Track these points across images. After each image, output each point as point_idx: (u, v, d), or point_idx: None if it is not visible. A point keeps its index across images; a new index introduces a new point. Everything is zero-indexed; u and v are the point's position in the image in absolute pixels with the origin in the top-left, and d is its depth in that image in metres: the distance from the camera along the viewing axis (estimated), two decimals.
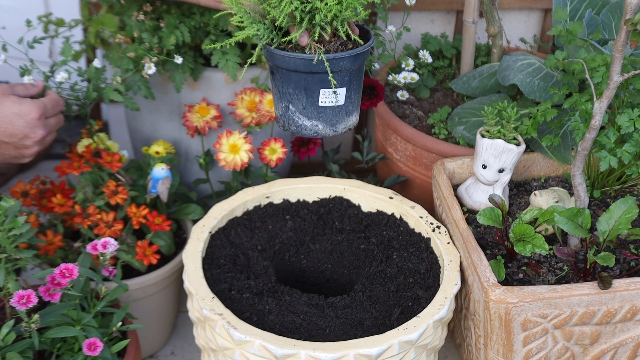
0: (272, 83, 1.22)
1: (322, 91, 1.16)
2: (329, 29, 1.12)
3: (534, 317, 1.23)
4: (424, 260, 1.36)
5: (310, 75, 1.14)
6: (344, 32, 1.13)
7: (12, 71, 1.45)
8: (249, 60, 1.20)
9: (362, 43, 1.17)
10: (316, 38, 1.13)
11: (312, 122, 1.20)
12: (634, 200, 1.24)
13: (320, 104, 1.17)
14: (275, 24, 1.15)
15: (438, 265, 1.35)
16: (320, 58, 1.12)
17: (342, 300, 1.28)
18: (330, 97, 1.17)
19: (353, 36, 1.15)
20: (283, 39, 1.17)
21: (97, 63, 1.46)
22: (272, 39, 1.16)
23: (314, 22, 1.12)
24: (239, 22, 1.13)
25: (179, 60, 1.47)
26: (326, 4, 1.09)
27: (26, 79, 1.41)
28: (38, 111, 1.28)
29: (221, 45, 1.54)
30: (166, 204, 1.56)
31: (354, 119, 1.23)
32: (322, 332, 1.21)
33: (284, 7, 1.09)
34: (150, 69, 1.47)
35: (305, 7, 1.10)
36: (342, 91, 1.17)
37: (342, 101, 1.17)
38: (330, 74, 1.13)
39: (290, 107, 1.19)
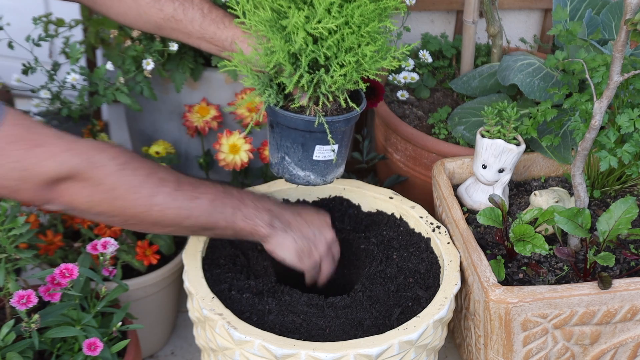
0: (270, 135, 1.30)
1: (317, 147, 1.26)
2: (330, 97, 1.21)
3: (534, 317, 1.23)
4: (424, 260, 1.36)
5: (308, 133, 1.24)
6: (343, 100, 1.22)
7: (9, 71, 1.45)
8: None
9: (356, 107, 1.25)
10: (320, 105, 1.22)
11: (305, 173, 1.29)
12: (634, 200, 1.24)
13: (314, 157, 1.27)
14: (283, 90, 1.23)
15: (438, 265, 1.35)
16: (320, 121, 1.21)
17: (342, 300, 1.27)
18: (325, 152, 1.27)
19: (350, 103, 1.23)
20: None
21: (109, 66, 1.46)
22: (278, 101, 1.24)
23: (318, 90, 1.20)
24: (250, 84, 1.21)
25: (174, 46, 1.47)
26: (332, 77, 1.17)
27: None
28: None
29: None
30: None
31: (341, 170, 1.34)
32: (322, 332, 1.21)
33: (296, 79, 1.16)
34: (148, 64, 1.47)
35: (313, 77, 1.17)
36: (335, 147, 1.27)
37: (334, 156, 1.28)
38: (330, 135, 1.22)
39: (287, 158, 1.28)
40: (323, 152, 1.27)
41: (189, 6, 1.33)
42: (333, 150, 1.26)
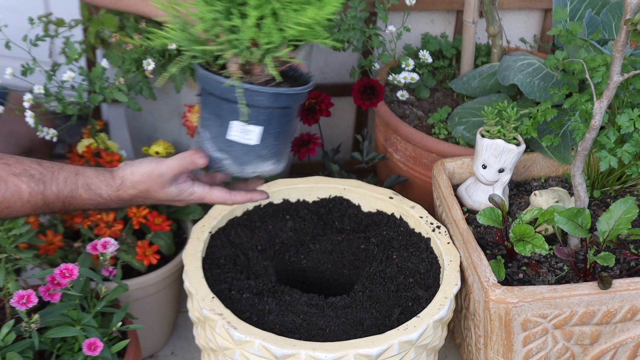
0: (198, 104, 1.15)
1: (234, 123, 1.08)
2: (254, 60, 1.05)
3: (534, 317, 1.23)
4: (424, 260, 1.36)
5: (225, 102, 1.07)
6: (272, 68, 1.04)
7: (3, 70, 1.45)
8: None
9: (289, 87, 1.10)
10: (248, 73, 1.06)
11: (221, 155, 1.11)
12: (634, 200, 1.24)
13: (228, 137, 1.09)
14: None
15: (438, 265, 1.35)
16: (233, 85, 1.04)
17: (342, 300, 1.27)
18: (245, 134, 1.09)
19: (276, 76, 1.06)
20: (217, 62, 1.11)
21: (105, 64, 1.46)
22: (209, 64, 1.10)
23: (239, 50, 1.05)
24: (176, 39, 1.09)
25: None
26: (247, 28, 1.02)
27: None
28: None
29: None
30: None
31: (269, 167, 1.13)
32: (322, 332, 1.21)
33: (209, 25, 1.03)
34: (149, 65, 1.47)
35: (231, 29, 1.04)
36: (255, 129, 1.08)
37: (255, 141, 1.08)
38: (242, 104, 1.04)
39: (203, 133, 1.12)
40: (242, 132, 1.08)
41: None
42: (249, 130, 1.07)
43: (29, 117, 1.43)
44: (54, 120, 1.48)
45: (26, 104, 1.42)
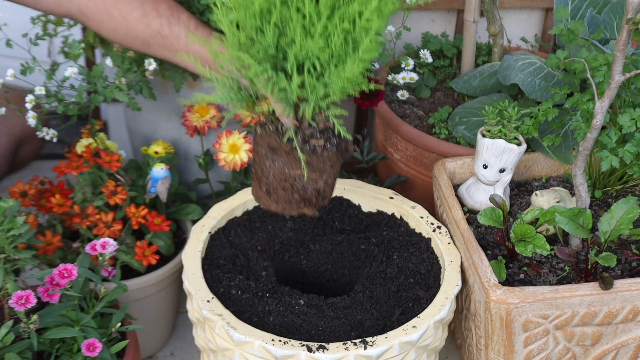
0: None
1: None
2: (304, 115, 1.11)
3: (535, 318, 1.23)
4: (424, 261, 1.35)
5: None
6: (321, 121, 1.13)
7: (2, 70, 1.45)
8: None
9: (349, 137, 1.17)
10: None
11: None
12: (635, 200, 1.23)
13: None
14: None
15: (439, 265, 1.34)
16: (291, 138, 1.13)
17: (342, 301, 1.27)
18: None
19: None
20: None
21: (109, 62, 1.46)
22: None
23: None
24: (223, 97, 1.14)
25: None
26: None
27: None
28: None
29: None
30: (165, 204, 1.55)
31: None
32: (322, 333, 1.20)
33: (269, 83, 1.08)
34: (150, 64, 1.47)
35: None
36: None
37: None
38: (302, 155, 1.14)
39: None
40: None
41: (175, 22, 1.34)
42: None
43: (31, 118, 1.43)
44: (49, 120, 1.47)
45: (28, 105, 1.42)
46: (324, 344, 1.16)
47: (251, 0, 1.03)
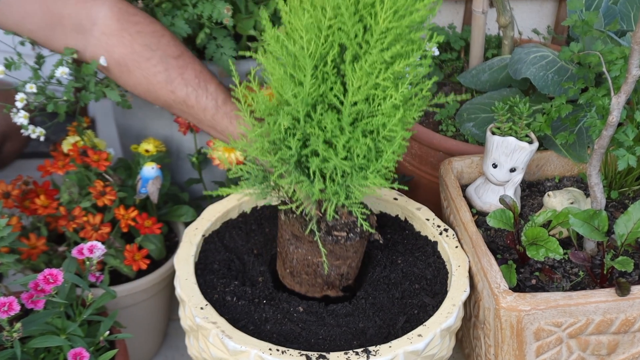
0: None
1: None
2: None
3: (547, 326, 1.20)
4: (430, 265, 1.34)
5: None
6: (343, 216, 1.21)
7: None
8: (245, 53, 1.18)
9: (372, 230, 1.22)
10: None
11: None
12: None
13: None
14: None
15: (445, 270, 1.33)
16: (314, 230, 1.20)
17: (344, 308, 1.26)
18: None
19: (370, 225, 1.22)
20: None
21: (102, 61, 1.44)
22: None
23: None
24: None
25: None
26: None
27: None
28: None
29: (215, 38, 1.53)
30: (156, 205, 1.54)
31: None
32: (322, 342, 1.19)
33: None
34: None
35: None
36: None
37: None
38: (323, 248, 1.21)
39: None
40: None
41: (202, 94, 1.33)
42: None
43: (22, 118, 1.41)
44: (34, 118, 1.46)
45: (19, 104, 1.41)
46: (324, 353, 1.14)
47: (276, 117, 1.12)
